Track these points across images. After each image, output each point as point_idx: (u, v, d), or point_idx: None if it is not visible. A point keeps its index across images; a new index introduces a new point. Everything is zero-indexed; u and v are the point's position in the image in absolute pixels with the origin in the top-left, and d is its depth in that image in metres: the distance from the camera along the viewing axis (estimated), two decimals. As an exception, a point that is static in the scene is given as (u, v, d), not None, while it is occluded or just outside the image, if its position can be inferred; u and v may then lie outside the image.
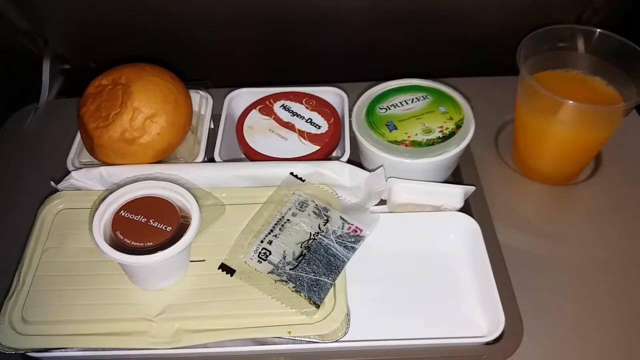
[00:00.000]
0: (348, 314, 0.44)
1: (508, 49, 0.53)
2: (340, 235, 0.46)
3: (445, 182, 0.55)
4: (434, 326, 0.46)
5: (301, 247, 0.45)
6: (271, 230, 0.47)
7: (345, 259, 0.45)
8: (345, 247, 0.45)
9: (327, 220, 0.47)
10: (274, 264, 0.45)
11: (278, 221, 0.47)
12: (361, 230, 0.47)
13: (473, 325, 0.46)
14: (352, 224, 0.47)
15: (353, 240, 0.46)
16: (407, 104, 0.56)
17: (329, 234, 0.46)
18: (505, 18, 0.67)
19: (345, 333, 0.43)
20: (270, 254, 0.45)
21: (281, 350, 0.43)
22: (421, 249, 0.51)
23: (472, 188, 0.52)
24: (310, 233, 0.46)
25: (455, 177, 0.57)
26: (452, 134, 0.53)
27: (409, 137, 0.53)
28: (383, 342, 0.44)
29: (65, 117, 0.63)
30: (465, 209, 0.52)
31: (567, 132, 0.53)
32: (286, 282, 0.44)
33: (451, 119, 0.54)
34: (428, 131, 0.53)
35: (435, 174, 0.54)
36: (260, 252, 0.45)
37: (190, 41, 0.69)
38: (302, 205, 0.48)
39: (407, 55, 0.70)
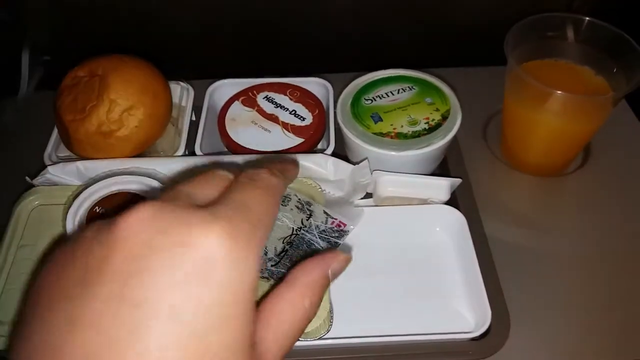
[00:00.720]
0: (331, 311, 0.43)
1: (496, 38, 0.52)
2: (323, 230, 0.45)
3: (432, 174, 0.54)
4: (419, 321, 0.45)
5: (283, 243, 0.44)
6: None
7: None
8: (329, 242, 0.44)
9: (310, 215, 0.46)
10: None
11: None
12: (345, 225, 0.46)
13: (460, 320, 0.45)
14: (336, 219, 0.46)
15: (337, 235, 0.45)
16: (392, 94, 0.54)
17: (312, 229, 0.45)
18: (493, 6, 0.66)
19: (328, 330, 0.42)
20: None
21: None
22: (407, 243, 0.50)
23: (458, 180, 0.51)
24: (293, 228, 0.45)
25: (441, 169, 0.56)
26: (438, 125, 0.52)
27: (394, 129, 0.51)
28: (367, 338, 0.43)
29: (45, 110, 0.61)
30: (452, 201, 0.51)
31: (556, 123, 0.52)
32: (267, 278, 0.42)
33: (437, 110, 0.53)
34: (414, 123, 0.52)
35: (421, 166, 0.53)
36: None
37: (171, 32, 0.68)
38: (285, 199, 0.47)
39: (393, 45, 0.68)
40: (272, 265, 0.43)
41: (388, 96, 0.54)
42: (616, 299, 0.47)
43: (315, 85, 0.59)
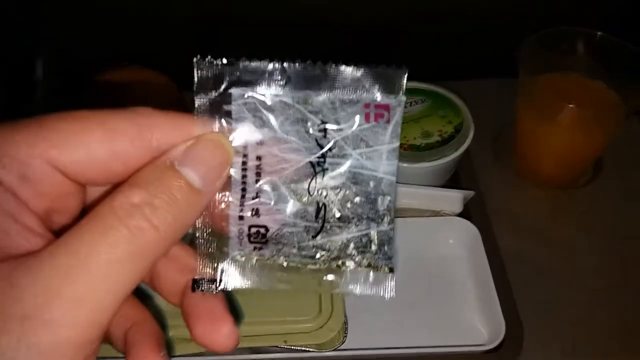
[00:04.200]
0: (346, 322, 0.43)
1: (508, 51, 0.52)
2: (358, 138, 0.23)
3: (444, 186, 0.54)
4: (433, 333, 0.45)
5: (308, 193, 0.23)
6: (243, 190, 0.23)
7: (390, 177, 0.23)
8: (379, 155, 0.23)
9: (324, 123, 0.23)
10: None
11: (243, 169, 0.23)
12: (387, 107, 0.23)
13: (473, 332, 0.46)
14: (370, 103, 0.23)
15: (379, 130, 0.24)
16: (405, 107, 0.55)
17: (342, 146, 0.23)
18: (505, 19, 0.66)
19: (343, 342, 0.42)
20: (267, 230, 0.23)
21: (277, 359, 0.43)
22: (420, 255, 0.50)
23: (471, 192, 0.52)
24: (312, 162, 0.23)
25: (454, 181, 0.56)
26: (451, 137, 0.52)
27: (407, 141, 0.52)
28: (381, 350, 0.43)
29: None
30: (464, 213, 0.51)
31: (568, 136, 0.53)
32: (314, 259, 0.24)
33: (450, 122, 0.53)
34: (427, 135, 0.52)
35: (434, 179, 0.53)
36: (250, 235, 0.23)
37: (185, 43, 0.68)
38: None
39: (405, 57, 0.69)
40: (314, 236, 0.24)
41: (401, 108, 0.55)
42: (631, 312, 0.47)
43: (328, 97, 0.60)
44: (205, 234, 0.22)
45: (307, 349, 0.42)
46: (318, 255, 0.24)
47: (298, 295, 0.44)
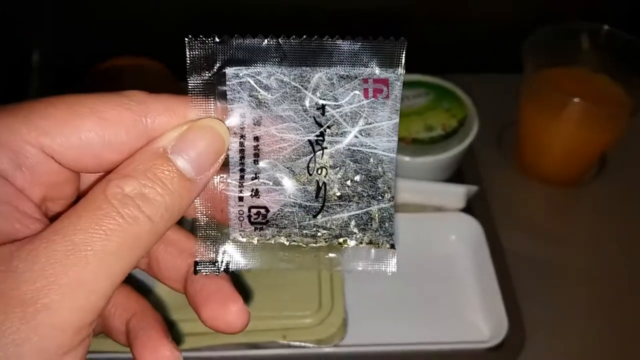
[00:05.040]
0: (346, 318, 0.42)
1: (513, 45, 0.52)
2: (354, 113, 0.23)
3: (447, 181, 0.53)
4: (434, 330, 0.45)
5: (308, 172, 0.23)
6: (242, 171, 0.23)
7: (390, 154, 0.23)
8: (378, 132, 0.23)
9: (323, 98, 0.22)
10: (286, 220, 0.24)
11: (241, 150, 0.23)
12: (385, 82, 0.23)
13: (475, 330, 0.45)
14: (369, 77, 0.22)
15: (379, 106, 0.23)
16: (409, 100, 0.54)
17: (340, 124, 0.23)
18: (511, 13, 0.65)
19: (343, 338, 0.42)
20: (267, 211, 0.24)
21: (276, 355, 0.42)
22: (422, 250, 0.49)
23: (475, 188, 0.51)
24: (310, 141, 0.23)
25: (457, 176, 0.55)
26: (454, 131, 0.51)
27: (410, 134, 0.51)
28: (382, 346, 0.43)
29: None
30: (466, 209, 0.51)
31: (572, 131, 0.52)
32: (318, 236, 0.24)
33: (454, 116, 0.52)
34: (430, 128, 0.51)
35: (436, 173, 0.52)
36: (251, 216, 0.24)
37: (184, 35, 0.68)
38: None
39: (410, 50, 0.68)
40: (314, 215, 0.24)
41: (404, 101, 0.54)
42: (634, 311, 0.47)
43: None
44: (204, 216, 0.22)
45: (307, 345, 0.41)
46: (319, 234, 0.24)
47: (297, 289, 0.43)
